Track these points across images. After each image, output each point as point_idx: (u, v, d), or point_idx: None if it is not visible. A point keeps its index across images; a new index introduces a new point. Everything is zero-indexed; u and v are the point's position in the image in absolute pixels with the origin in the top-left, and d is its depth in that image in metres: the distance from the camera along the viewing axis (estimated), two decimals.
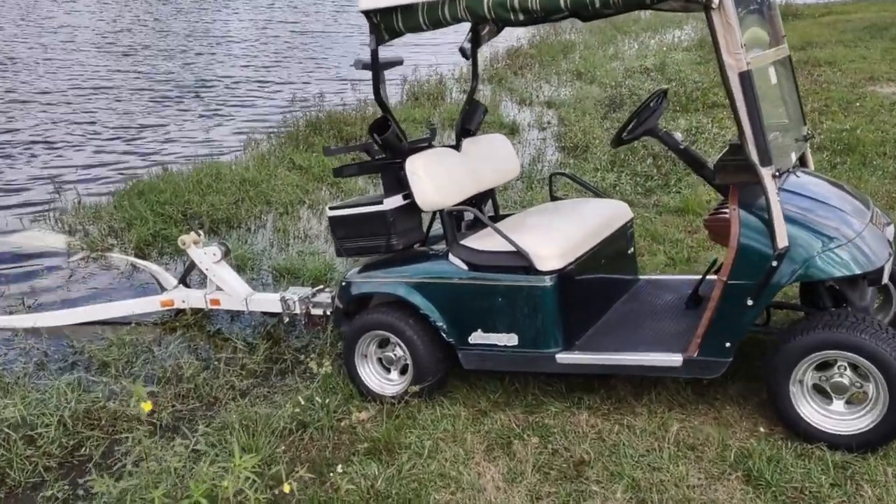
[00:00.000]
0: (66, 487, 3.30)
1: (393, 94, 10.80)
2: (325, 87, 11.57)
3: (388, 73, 3.96)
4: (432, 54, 13.58)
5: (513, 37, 14.84)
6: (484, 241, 3.57)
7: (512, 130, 9.06)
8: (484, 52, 13.87)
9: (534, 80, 12.03)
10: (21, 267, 5.75)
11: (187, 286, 4.88)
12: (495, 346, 3.47)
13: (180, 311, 4.83)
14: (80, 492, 3.28)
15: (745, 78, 2.86)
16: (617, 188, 6.67)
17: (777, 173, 2.92)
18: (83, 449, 3.53)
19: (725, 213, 3.38)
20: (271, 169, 7.42)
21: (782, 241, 2.91)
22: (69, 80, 12.33)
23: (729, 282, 3.02)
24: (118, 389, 3.94)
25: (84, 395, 3.84)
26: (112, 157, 8.44)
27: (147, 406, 2.82)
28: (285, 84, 12.39)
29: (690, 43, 14.41)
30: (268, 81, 12.63)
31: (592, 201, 4.15)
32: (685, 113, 8.98)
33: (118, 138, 9.16)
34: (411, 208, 3.76)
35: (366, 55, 3.84)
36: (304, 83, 12.50)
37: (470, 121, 4.26)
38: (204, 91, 11.78)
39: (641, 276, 4.20)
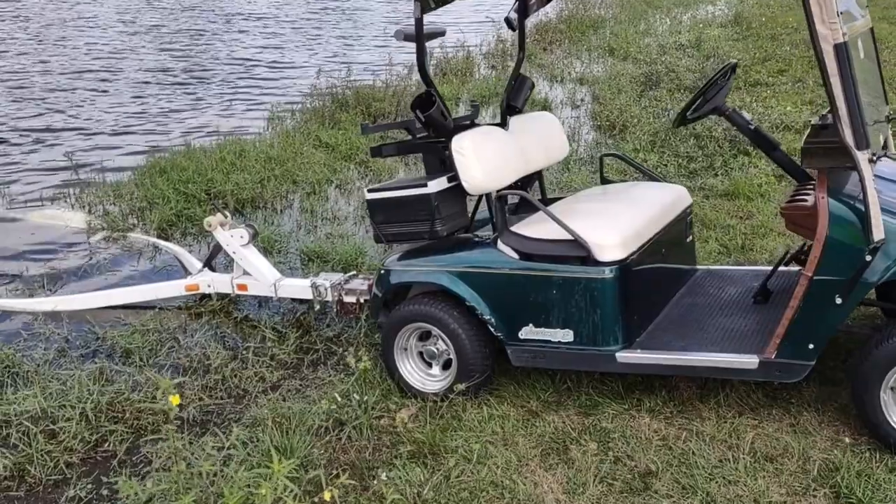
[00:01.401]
0: (90, 486, 3.10)
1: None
2: (352, 64, 11.25)
3: (411, 47, 3.66)
4: (459, 31, 13.21)
5: (540, 12, 14.41)
6: (535, 227, 3.29)
7: (544, 108, 8.73)
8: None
9: (564, 56, 11.64)
10: (40, 246, 5.54)
11: (212, 270, 4.67)
12: (548, 342, 3.20)
13: (205, 296, 4.61)
14: (105, 491, 3.07)
15: (841, 50, 2.55)
16: (659, 170, 6.35)
17: (873, 157, 2.62)
18: (106, 444, 3.33)
19: (803, 199, 3.09)
20: (297, 147, 7.15)
21: (878, 234, 2.62)
22: (87, 59, 12.10)
23: (815, 277, 2.73)
24: (142, 380, 3.73)
25: (107, 385, 3.64)
26: (132, 135, 8.20)
27: (175, 400, 2.59)
28: (309, 62, 12.09)
29: (725, 19, 13.92)
30: (292, 58, 12.35)
31: (649, 185, 3.86)
32: None
33: (138, 116, 8.92)
34: (456, 192, 3.49)
35: (406, 26, 3.56)
36: (328, 60, 12.20)
37: (516, 97, 3.98)
38: (226, 69, 11.51)
39: (699, 266, 3.91)
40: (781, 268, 3.45)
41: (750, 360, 2.87)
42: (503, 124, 3.92)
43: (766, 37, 11.54)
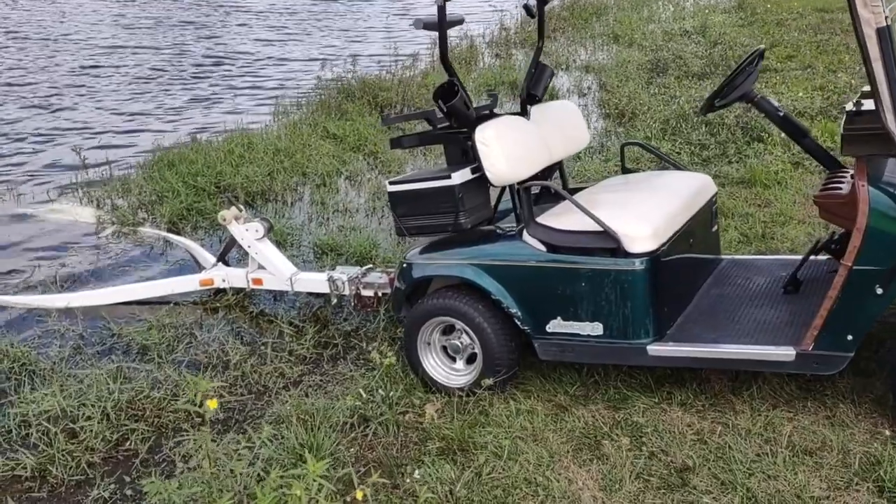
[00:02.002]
0: (113, 486, 3.05)
1: (422, 58, 10.40)
2: (357, 55, 11.15)
3: (415, 37, 3.60)
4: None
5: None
6: (562, 219, 3.23)
7: (550, 97, 8.65)
8: (514, 14, 13.40)
9: (568, 43, 11.56)
10: (50, 242, 5.48)
11: (227, 264, 4.60)
12: (577, 335, 3.15)
13: (220, 291, 4.56)
14: (129, 491, 3.02)
15: (884, 34, 2.49)
16: (672, 158, 6.29)
17: None
18: (128, 443, 3.28)
19: (837, 188, 3.03)
20: (305, 138, 7.08)
21: None
22: (90, 55, 11.98)
23: (855, 267, 2.68)
24: (162, 377, 3.68)
25: (125, 383, 3.58)
26: (138, 130, 8.13)
27: (213, 403, 2.54)
28: (312, 54, 11.98)
29: (728, 5, 13.83)
30: (294, 51, 12.24)
31: (672, 174, 3.80)
32: None
33: (142, 112, 8.84)
34: (480, 183, 3.42)
35: (424, 15, 3.49)
36: (332, 51, 12.09)
37: (536, 86, 3.91)
38: (227, 63, 11.41)
39: (724, 256, 3.86)
40: (814, 257, 3.39)
41: (787, 353, 2.82)
42: (523, 113, 3.86)
43: (772, 22, 11.46)
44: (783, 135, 6.17)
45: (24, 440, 3.29)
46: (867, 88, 2.70)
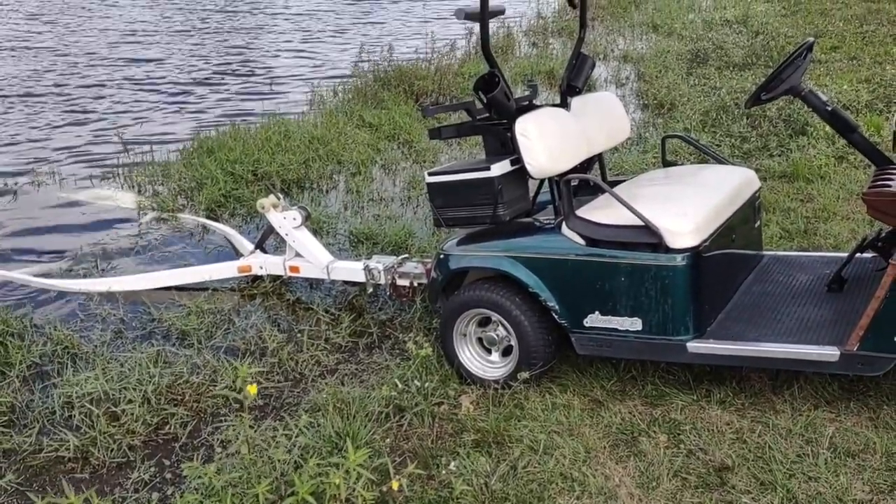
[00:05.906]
0: (153, 469, 3.10)
1: (459, 48, 10.34)
2: (394, 40, 11.12)
3: (453, 26, 3.57)
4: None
5: None
6: (603, 212, 3.20)
7: (588, 87, 8.57)
8: (552, 2, 13.27)
9: (606, 32, 11.42)
10: (91, 227, 5.57)
11: (264, 251, 4.65)
12: (615, 330, 3.12)
13: (257, 278, 4.61)
14: (168, 475, 3.08)
15: None
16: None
17: None
18: (168, 427, 3.33)
19: (886, 185, 2.96)
20: (340, 127, 7.10)
21: None
22: (131, 42, 12.10)
23: None
24: (201, 363, 3.73)
25: (165, 368, 3.64)
26: (177, 115, 8.22)
27: (253, 389, 2.57)
28: (349, 43, 11.96)
29: None
30: (330, 44, 12.21)
31: (715, 168, 3.74)
32: None
33: (182, 96, 8.93)
34: (519, 175, 3.41)
35: (466, 5, 3.47)
36: (368, 39, 12.07)
37: (577, 77, 3.87)
38: (264, 56, 11.44)
39: (765, 252, 3.80)
40: (860, 255, 3.32)
41: (830, 353, 2.77)
42: (563, 105, 3.82)
43: (816, 12, 11.20)
44: (827, 128, 6.06)
45: (66, 421, 3.36)
46: None
